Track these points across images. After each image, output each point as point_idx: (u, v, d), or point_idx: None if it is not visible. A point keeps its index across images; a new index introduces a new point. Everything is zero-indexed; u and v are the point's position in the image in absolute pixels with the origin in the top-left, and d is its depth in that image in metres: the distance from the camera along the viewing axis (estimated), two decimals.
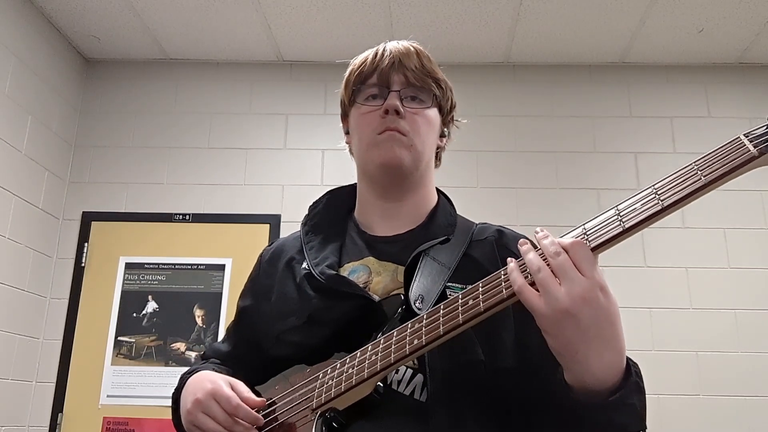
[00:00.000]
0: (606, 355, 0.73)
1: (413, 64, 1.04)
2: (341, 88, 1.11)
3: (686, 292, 3.01)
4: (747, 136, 0.71)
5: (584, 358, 0.73)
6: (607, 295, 0.72)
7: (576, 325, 0.71)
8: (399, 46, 1.06)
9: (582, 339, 0.72)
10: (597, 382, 0.74)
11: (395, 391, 0.90)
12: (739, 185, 3.27)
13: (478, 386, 0.89)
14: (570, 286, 0.71)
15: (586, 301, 0.71)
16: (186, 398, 0.97)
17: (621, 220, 0.73)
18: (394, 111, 1.01)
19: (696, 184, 0.70)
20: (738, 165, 0.69)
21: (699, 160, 0.72)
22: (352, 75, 1.08)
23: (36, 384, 2.96)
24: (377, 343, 0.87)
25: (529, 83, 3.36)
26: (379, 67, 1.04)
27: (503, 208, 3.09)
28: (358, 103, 1.06)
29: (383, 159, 1.01)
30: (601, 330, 0.72)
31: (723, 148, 0.71)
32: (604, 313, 0.72)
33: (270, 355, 1.01)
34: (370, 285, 0.99)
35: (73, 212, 3.18)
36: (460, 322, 0.78)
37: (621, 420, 0.76)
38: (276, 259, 1.11)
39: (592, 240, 0.74)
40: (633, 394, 0.76)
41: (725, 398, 2.86)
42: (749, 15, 2.94)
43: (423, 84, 1.04)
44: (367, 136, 1.04)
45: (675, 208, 0.72)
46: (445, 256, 0.98)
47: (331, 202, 1.14)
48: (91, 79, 3.40)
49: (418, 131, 1.03)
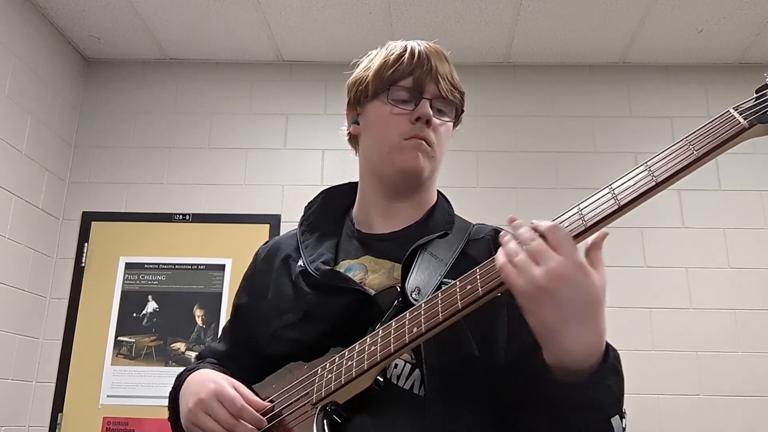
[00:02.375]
0: (585, 335, 0.74)
1: (447, 74, 1.04)
2: (363, 76, 1.07)
3: (686, 292, 3.00)
4: (737, 109, 0.72)
5: (562, 336, 0.74)
6: (586, 274, 0.73)
7: (554, 303, 0.72)
8: (432, 51, 1.05)
9: (559, 317, 0.73)
10: (575, 363, 0.75)
11: (395, 386, 0.90)
12: (739, 185, 3.27)
13: (473, 381, 0.90)
14: (546, 265, 0.73)
15: (563, 278, 0.72)
16: (187, 397, 0.96)
17: (616, 197, 0.74)
18: (426, 121, 1.00)
19: (689, 158, 0.72)
20: (729, 137, 0.71)
21: (690, 135, 0.74)
22: (385, 69, 1.04)
23: (36, 384, 2.96)
24: (375, 335, 0.87)
25: (529, 83, 3.36)
26: (416, 70, 1.02)
27: (503, 208, 3.09)
28: (388, 102, 1.03)
29: (406, 165, 1.01)
30: (579, 309, 0.73)
31: (713, 122, 0.73)
32: (583, 292, 0.73)
33: (267, 353, 1.01)
34: (366, 282, 0.99)
35: (73, 212, 3.18)
36: (459, 307, 0.79)
37: (598, 401, 0.77)
38: (272, 257, 1.12)
39: (588, 219, 0.75)
40: (610, 375, 0.77)
41: (725, 398, 2.86)
42: (749, 15, 2.94)
43: (452, 98, 1.04)
44: (392, 138, 1.02)
45: (669, 183, 0.73)
46: (443, 251, 0.99)
47: (327, 201, 1.14)
48: (91, 79, 3.40)
49: (441, 143, 1.04)
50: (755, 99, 0.72)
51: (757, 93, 0.72)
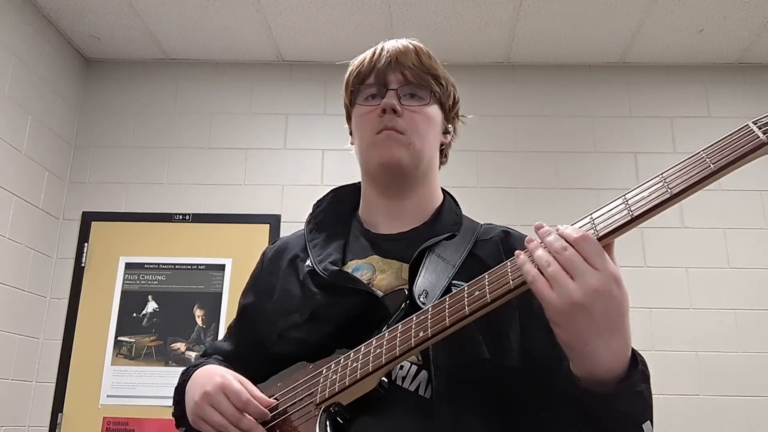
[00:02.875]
0: (614, 344, 0.73)
1: (411, 61, 1.03)
2: (342, 90, 1.11)
3: (686, 292, 3.00)
4: (756, 123, 0.70)
5: (594, 349, 0.72)
6: (620, 286, 0.72)
7: (588, 317, 0.71)
8: (397, 45, 1.06)
9: (593, 331, 0.71)
10: (605, 372, 0.74)
11: (400, 387, 0.89)
12: (739, 185, 3.26)
13: (482, 384, 0.89)
14: (582, 279, 0.70)
15: (599, 293, 0.70)
16: (194, 390, 0.96)
17: (630, 208, 0.73)
18: (391, 110, 1.00)
19: (705, 171, 0.70)
20: (747, 152, 0.69)
21: (707, 147, 0.72)
22: (351, 76, 1.08)
23: (36, 384, 2.96)
24: (382, 337, 0.86)
25: (529, 83, 3.36)
26: (377, 66, 1.04)
27: (503, 208, 3.09)
28: (358, 104, 1.06)
29: (381, 158, 1.02)
30: (613, 321, 0.72)
31: (731, 136, 0.71)
32: (616, 305, 0.72)
33: (272, 353, 1.01)
34: (374, 282, 0.99)
35: (73, 212, 3.18)
36: (466, 313, 0.78)
37: (630, 408, 0.76)
38: (279, 256, 1.11)
39: (600, 230, 0.73)
40: (640, 381, 0.76)
41: (725, 398, 2.86)
42: (749, 15, 2.94)
43: (421, 81, 1.03)
44: (366, 136, 1.04)
45: (684, 196, 0.71)
46: (451, 253, 0.98)
47: (335, 200, 1.14)
48: (91, 79, 3.40)
49: (416, 129, 1.02)
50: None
51: None
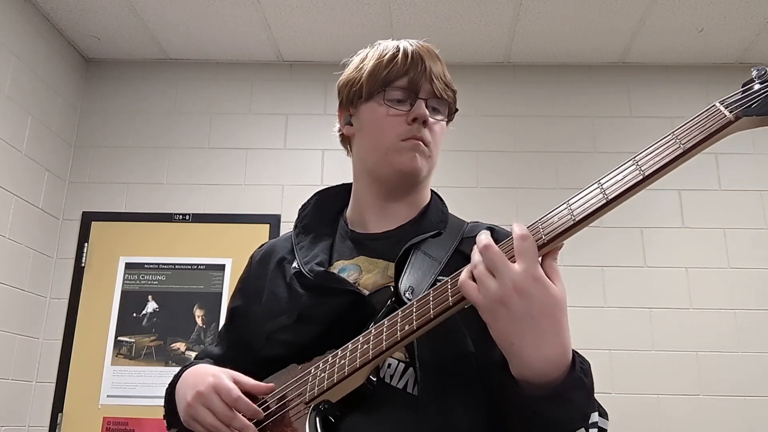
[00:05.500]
0: (544, 348, 0.73)
1: (440, 73, 1.04)
2: (355, 77, 1.07)
3: (686, 292, 3.00)
4: (722, 103, 0.73)
5: (519, 350, 0.74)
6: (543, 287, 0.73)
7: (509, 315, 0.72)
8: (425, 51, 1.05)
9: (517, 330, 0.73)
10: (537, 377, 0.74)
11: (388, 385, 0.90)
12: (739, 185, 3.27)
13: (468, 378, 0.90)
14: (501, 277, 0.73)
15: (518, 291, 0.72)
16: (185, 391, 0.97)
17: (604, 192, 0.75)
18: (423, 121, 1.01)
19: (676, 152, 0.73)
20: (715, 130, 0.72)
21: (677, 129, 0.75)
22: (380, 70, 1.03)
23: (36, 384, 2.96)
24: (368, 334, 0.87)
25: (529, 83, 3.36)
26: (411, 71, 1.02)
27: (503, 209, 3.10)
28: (384, 103, 1.02)
29: (404, 167, 1.01)
30: (536, 322, 0.72)
31: (700, 116, 0.74)
32: (538, 305, 0.72)
33: (262, 356, 1.01)
34: (360, 282, 0.99)
35: (73, 212, 3.18)
36: (450, 304, 0.79)
37: (559, 415, 0.76)
38: (267, 260, 1.12)
39: (577, 216, 0.75)
40: (572, 389, 0.76)
41: (725, 398, 2.86)
42: (749, 15, 2.94)
43: (446, 97, 1.04)
44: (389, 140, 1.02)
45: (656, 177, 0.74)
46: (437, 250, 0.99)
47: (320, 202, 1.14)
48: (91, 79, 3.40)
49: (436, 142, 1.04)
50: (741, 92, 0.73)
51: (743, 87, 0.73)
